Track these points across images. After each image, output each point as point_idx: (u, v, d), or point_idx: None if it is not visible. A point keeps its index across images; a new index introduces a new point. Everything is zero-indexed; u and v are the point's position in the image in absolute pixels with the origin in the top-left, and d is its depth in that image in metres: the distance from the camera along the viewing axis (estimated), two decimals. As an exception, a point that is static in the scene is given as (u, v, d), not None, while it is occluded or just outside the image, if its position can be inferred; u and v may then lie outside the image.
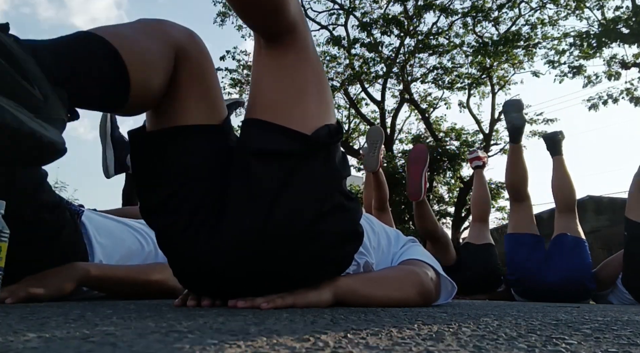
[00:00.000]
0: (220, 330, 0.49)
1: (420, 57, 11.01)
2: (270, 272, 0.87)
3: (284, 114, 0.89)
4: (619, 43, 9.17)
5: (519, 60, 10.63)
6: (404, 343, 0.46)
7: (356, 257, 1.02)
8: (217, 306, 0.91)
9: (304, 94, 0.91)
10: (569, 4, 9.86)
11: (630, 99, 9.86)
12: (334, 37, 10.96)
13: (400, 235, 1.33)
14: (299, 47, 0.93)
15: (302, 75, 0.92)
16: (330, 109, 0.97)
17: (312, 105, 0.92)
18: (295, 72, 0.92)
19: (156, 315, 0.67)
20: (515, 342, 0.49)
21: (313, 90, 0.93)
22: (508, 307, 1.21)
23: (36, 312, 0.68)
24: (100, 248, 1.25)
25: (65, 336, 0.43)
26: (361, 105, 12.10)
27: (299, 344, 0.42)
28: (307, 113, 0.91)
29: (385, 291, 1.03)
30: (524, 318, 0.78)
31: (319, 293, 0.92)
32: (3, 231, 0.91)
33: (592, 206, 8.80)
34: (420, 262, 1.18)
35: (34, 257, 1.09)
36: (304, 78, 0.93)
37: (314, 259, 0.89)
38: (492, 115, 11.19)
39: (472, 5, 10.26)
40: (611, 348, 0.47)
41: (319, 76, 0.96)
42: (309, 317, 0.68)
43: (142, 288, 1.23)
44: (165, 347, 0.38)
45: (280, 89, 0.91)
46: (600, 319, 0.83)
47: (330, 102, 0.98)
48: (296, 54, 0.92)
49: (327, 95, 0.97)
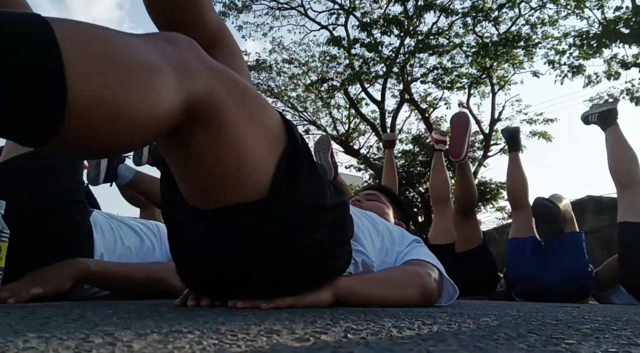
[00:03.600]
0: (220, 330, 0.49)
1: (420, 57, 11.02)
2: (270, 273, 0.87)
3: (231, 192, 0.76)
4: (619, 43, 9.17)
5: (519, 60, 10.63)
6: (404, 343, 0.46)
7: (354, 256, 1.02)
8: (217, 306, 0.91)
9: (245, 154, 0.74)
10: (569, 3, 9.86)
11: (631, 99, 9.86)
12: (334, 37, 10.96)
13: (405, 233, 1.32)
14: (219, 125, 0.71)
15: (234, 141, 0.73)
16: (274, 130, 0.80)
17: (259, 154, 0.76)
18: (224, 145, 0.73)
19: (156, 315, 0.67)
20: (515, 342, 0.49)
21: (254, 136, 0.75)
22: (508, 307, 1.21)
23: (36, 312, 0.68)
24: (102, 247, 1.26)
25: (65, 336, 0.43)
26: (361, 105, 12.10)
27: (299, 344, 0.42)
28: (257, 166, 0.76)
29: (386, 291, 1.03)
30: (524, 318, 0.78)
31: (319, 293, 0.92)
32: (3, 231, 0.92)
33: (592, 206, 8.79)
34: (424, 262, 1.18)
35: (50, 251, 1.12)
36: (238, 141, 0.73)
37: (311, 265, 0.88)
38: (492, 115, 11.20)
39: (472, 5, 10.26)
40: (611, 348, 0.47)
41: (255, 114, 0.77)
42: (309, 317, 0.68)
43: (142, 285, 1.24)
44: (165, 347, 0.38)
45: (213, 170, 0.74)
46: (600, 319, 0.83)
47: (271, 121, 0.80)
48: (216, 132, 0.71)
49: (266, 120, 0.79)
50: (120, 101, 0.55)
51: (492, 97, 11.23)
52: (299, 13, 11.57)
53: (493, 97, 11.23)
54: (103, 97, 0.54)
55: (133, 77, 0.57)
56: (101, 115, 0.54)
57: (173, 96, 0.62)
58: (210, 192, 0.77)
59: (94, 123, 0.54)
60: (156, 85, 0.59)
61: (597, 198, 9.01)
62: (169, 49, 0.65)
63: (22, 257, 1.02)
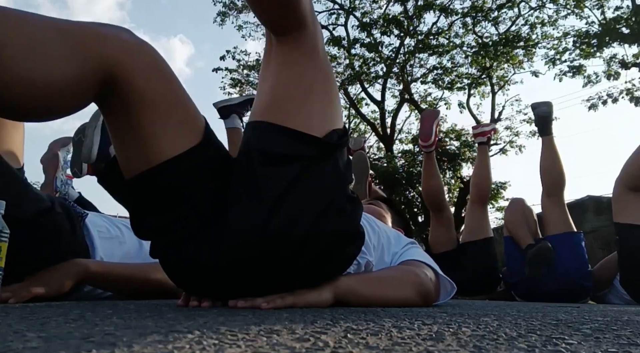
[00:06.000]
0: (220, 330, 0.49)
1: (420, 57, 11.03)
2: (270, 273, 0.87)
3: (291, 116, 0.88)
4: (619, 43, 9.17)
5: (519, 60, 10.64)
6: (404, 343, 0.46)
7: (358, 257, 1.02)
8: (217, 306, 0.91)
9: (311, 95, 0.90)
10: (568, 3, 9.87)
11: (630, 99, 9.87)
12: (334, 37, 10.97)
13: (401, 236, 1.33)
14: (308, 47, 0.91)
15: (310, 76, 0.90)
16: (339, 112, 0.96)
17: (319, 106, 0.90)
18: (303, 71, 0.90)
19: (156, 315, 0.67)
20: (515, 342, 0.49)
21: (321, 91, 0.91)
22: (508, 307, 1.21)
23: (36, 312, 0.68)
24: (102, 250, 1.26)
25: (65, 336, 0.43)
26: (361, 105, 12.12)
27: (299, 344, 0.42)
28: (315, 115, 0.89)
29: (385, 291, 1.03)
30: (524, 318, 0.78)
31: (319, 293, 0.92)
32: (3, 231, 0.91)
33: (592, 206, 8.79)
34: (420, 262, 1.18)
35: (35, 258, 1.10)
36: (313, 78, 0.91)
37: (315, 261, 0.89)
38: (492, 115, 11.19)
39: (472, 5, 10.27)
40: (611, 348, 0.47)
41: (328, 78, 0.94)
42: (309, 317, 0.68)
43: (142, 286, 1.24)
44: (165, 347, 0.38)
45: (288, 89, 0.89)
46: (600, 319, 0.83)
47: (339, 105, 0.96)
48: (305, 53, 0.90)
49: (335, 97, 0.95)
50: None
51: (492, 97, 11.25)
52: (299, 13, 11.56)
53: (493, 97, 11.25)
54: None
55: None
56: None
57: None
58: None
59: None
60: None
61: (597, 198, 9.02)
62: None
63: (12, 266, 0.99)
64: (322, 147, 0.88)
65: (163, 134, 0.83)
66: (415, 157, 11.01)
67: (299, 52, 0.90)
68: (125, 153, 0.87)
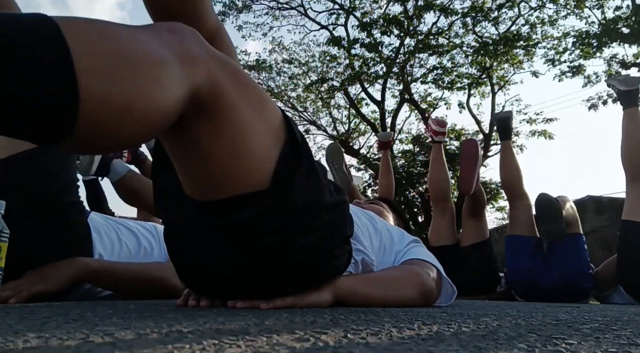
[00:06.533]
0: (220, 330, 0.49)
1: (420, 57, 11.02)
2: (270, 274, 0.87)
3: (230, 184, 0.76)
4: (619, 43, 9.17)
5: (519, 60, 10.63)
6: (404, 343, 0.46)
7: (354, 255, 1.02)
8: (217, 306, 0.91)
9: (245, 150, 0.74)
10: (568, 3, 9.86)
11: (631, 99, 9.85)
12: (334, 37, 10.96)
13: (404, 233, 1.32)
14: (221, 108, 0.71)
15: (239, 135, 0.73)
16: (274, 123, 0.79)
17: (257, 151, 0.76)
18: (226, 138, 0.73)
19: (156, 315, 0.67)
20: (515, 342, 0.49)
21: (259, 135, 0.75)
22: (508, 307, 1.21)
23: (36, 312, 0.68)
24: (100, 249, 1.26)
25: (65, 336, 0.43)
26: (361, 105, 12.10)
27: (299, 344, 0.42)
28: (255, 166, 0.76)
29: (386, 291, 1.03)
30: (524, 318, 0.78)
31: (319, 293, 0.92)
32: (3, 231, 0.91)
33: (592, 206, 8.79)
34: (423, 261, 1.18)
35: (35, 253, 1.10)
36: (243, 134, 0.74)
37: (311, 264, 0.88)
38: (492, 115, 11.19)
39: (472, 5, 10.26)
40: (611, 348, 0.47)
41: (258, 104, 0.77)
42: (309, 317, 0.68)
43: (142, 285, 1.24)
44: (165, 347, 0.38)
45: (215, 161, 0.74)
46: (600, 319, 0.83)
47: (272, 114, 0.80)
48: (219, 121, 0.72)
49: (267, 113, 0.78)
50: (128, 96, 0.57)
51: (492, 97, 11.23)
52: (298, 13, 11.57)
53: (493, 97, 11.23)
54: (112, 93, 0.55)
55: (139, 72, 0.58)
56: (111, 111, 0.56)
57: (178, 88, 0.62)
58: (211, 182, 0.76)
59: (104, 119, 0.56)
60: (162, 79, 0.60)
61: (597, 198, 9.02)
62: (173, 39, 0.65)
63: (19, 258, 1.01)
64: (273, 191, 0.77)
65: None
66: (415, 157, 11.01)
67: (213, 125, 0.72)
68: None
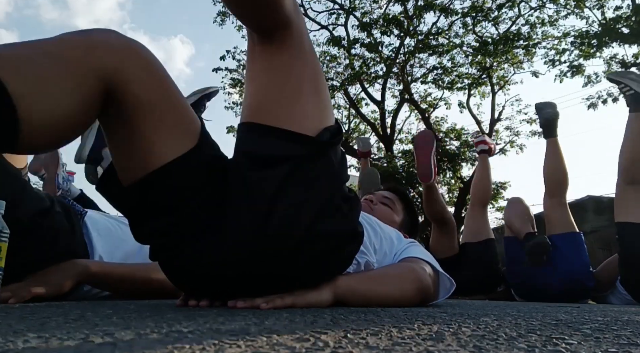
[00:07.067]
0: (220, 330, 0.49)
1: (420, 57, 11.01)
2: (269, 274, 0.87)
3: (281, 116, 0.86)
4: (619, 43, 9.17)
5: (519, 60, 10.63)
6: (404, 343, 0.46)
7: (357, 257, 1.02)
8: (216, 306, 0.91)
9: (300, 94, 0.88)
10: (568, 3, 9.86)
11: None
12: (334, 37, 10.95)
13: (401, 236, 1.34)
14: (294, 44, 0.88)
15: (298, 74, 0.88)
16: (329, 108, 0.94)
17: (309, 105, 0.89)
18: (290, 70, 0.88)
19: (156, 315, 0.67)
20: (515, 342, 0.49)
21: (310, 89, 0.89)
22: (508, 307, 1.21)
23: (36, 312, 0.68)
24: (101, 249, 1.26)
25: (65, 336, 0.43)
26: (361, 105, 12.10)
27: (299, 344, 0.42)
28: (305, 113, 0.88)
29: (385, 289, 1.03)
30: (524, 318, 0.78)
31: (318, 293, 0.92)
32: (3, 231, 0.91)
33: (592, 206, 8.78)
34: (418, 259, 1.18)
35: (34, 260, 1.10)
36: (301, 77, 0.89)
37: (314, 261, 0.89)
38: (492, 115, 11.19)
39: (472, 5, 10.26)
40: (611, 348, 0.47)
41: (316, 75, 0.92)
42: (309, 317, 0.68)
43: (142, 286, 1.24)
44: (165, 347, 0.38)
45: (276, 89, 0.87)
46: (600, 319, 0.83)
47: (328, 101, 0.95)
48: (291, 52, 0.88)
49: (325, 94, 0.94)
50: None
51: (492, 97, 11.23)
52: (299, 13, 11.55)
53: (493, 97, 11.24)
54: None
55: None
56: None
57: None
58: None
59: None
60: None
61: (597, 198, 9.01)
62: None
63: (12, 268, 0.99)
64: (312, 146, 0.86)
65: (160, 138, 0.82)
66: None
67: (285, 51, 0.88)
68: (123, 160, 0.86)
